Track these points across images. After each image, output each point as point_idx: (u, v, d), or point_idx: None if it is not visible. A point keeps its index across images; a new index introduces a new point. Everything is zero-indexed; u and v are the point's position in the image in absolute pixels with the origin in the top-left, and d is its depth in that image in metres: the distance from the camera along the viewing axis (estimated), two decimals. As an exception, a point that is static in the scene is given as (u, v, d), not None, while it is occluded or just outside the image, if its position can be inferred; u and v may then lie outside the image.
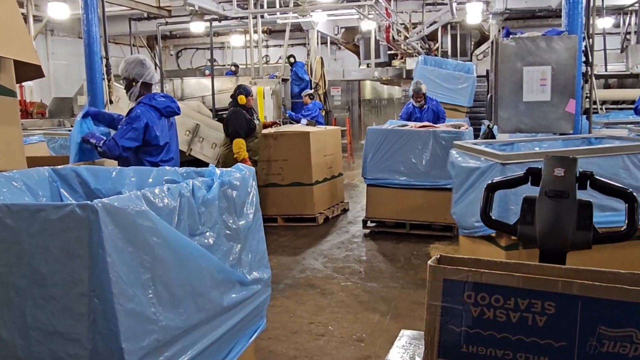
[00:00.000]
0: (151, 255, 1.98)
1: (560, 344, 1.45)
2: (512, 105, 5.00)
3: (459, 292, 1.52)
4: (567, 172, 1.97)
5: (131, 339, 1.86)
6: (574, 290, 1.43)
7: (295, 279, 5.31)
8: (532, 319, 1.47)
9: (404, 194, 6.72)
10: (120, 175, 3.05)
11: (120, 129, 4.08)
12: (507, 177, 2.19)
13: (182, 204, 2.23)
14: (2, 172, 2.81)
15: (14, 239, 1.84)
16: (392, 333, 4.05)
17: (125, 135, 4.01)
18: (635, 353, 1.39)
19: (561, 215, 1.96)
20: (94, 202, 1.79)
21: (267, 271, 2.92)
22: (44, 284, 1.84)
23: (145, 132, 4.05)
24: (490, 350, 1.51)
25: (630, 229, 1.98)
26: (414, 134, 6.66)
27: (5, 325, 1.87)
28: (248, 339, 2.79)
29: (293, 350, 3.82)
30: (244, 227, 2.71)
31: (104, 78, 6.89)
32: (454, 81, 10.65)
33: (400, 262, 5.76)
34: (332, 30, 16.46)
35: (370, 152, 6.77)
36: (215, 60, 13.44)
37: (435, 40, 16.33)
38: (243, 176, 2.78)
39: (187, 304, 2.17)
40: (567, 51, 4.89)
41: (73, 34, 16.83)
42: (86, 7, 6.66)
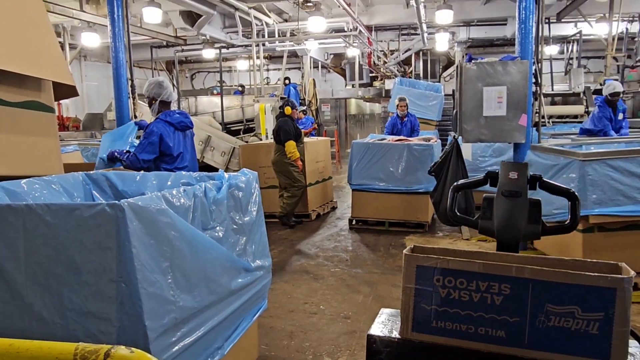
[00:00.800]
0: (170, 247, 1.99)
1: (514, 319, 1.46)
2: (474, 119, 5.02)
3: (429, 277, 1.53)
4: (520, 176, 1.99)
5: (153, 318, 1.86)
6: (525, 274, 1.45)
7: (292, 266, 5.31)
8: (491, 298, 1.48)
9: (384, 197, 6.75)
10: (143, 179, 3.06)
11: (139, 144, 4.10)
12: (470, 180, 2.20)
13: (196, 203, 2.24)
14: (42, 177, 2.80)
15: (53, 234, 1.85)
16: (374, 311, 4.04)
17: (144, 149, 4.03)
18: (577, 326, 1.41)
19: (515, 212, 1.97)
20: (121, 202, 1.79)
21: (268, 259, 2.93)
22: (78, 272, 1.84)
23: (160, 144, 4.07)
24: (456, 325, 1.52)
25: (573, 223, 2.00)
26: (392, 147, 6.70)
27: (46, 307, 1.87)
28: (252, 317, 2.80)
29: (290, 326, 3.82)
30: (249, 222, 2.71)
31: (130, 97, 6.87)
32: (425, 99, 10.68)
33: (380, 252, 5.77)
34: (323, 56, 16.46)
35: (355, 161, 6.79)
36: (223, 82, 13.40)
37: (409, 65, 16.40)
38: (248, 179, 2.79)
39: (201, 288, 2.18)
40: (520, 74, 4.91)
41: (103, 59, 16.76)
42: (114, 37, 6.64)
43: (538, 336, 1.43)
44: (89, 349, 1.09)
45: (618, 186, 3.95)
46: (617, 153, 4.02)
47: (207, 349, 2.27)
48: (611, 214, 3.96)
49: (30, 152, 2.94)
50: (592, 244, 4.07)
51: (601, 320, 1.38)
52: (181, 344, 2.02)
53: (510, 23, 12.79)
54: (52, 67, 3.03)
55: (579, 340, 1.40)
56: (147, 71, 17.75)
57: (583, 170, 3.99)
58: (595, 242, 4.06)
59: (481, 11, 12.20)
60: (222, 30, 12.02)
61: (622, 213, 3.95)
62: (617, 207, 3.96)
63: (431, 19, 11.15)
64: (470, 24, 14.02)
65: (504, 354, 1.47)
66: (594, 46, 14.87)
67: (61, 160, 3.15)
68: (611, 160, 3.98)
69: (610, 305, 1.37)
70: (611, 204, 3.97)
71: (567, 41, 14.18)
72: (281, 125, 6.85)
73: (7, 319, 1.89)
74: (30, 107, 2.96)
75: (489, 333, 1.48)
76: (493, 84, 4.95)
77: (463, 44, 14.73)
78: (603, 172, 3.98)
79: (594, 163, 3.99)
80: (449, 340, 1.52)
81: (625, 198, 3.95)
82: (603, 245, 4.06)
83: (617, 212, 3.96)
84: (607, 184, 3.97)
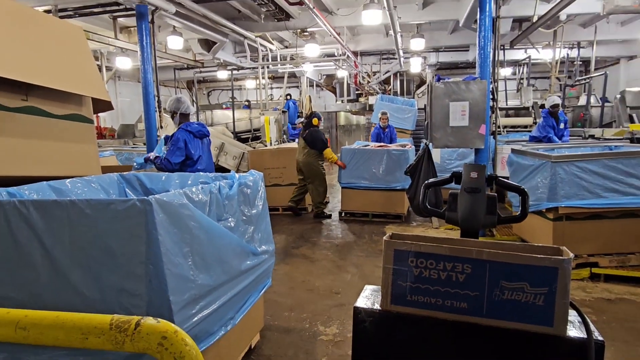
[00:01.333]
0: (190, 235, 1.99)
1: (475, 293, 1.47)
2: (442, 128, 5.03)
3: (405, 258, 1.54)
4: (479, 175, 1.99)
5: (176, 294, 1.86)
6: (484, 257, 1.45)
7: (291, 251, 5.30)
8: (455, 276, 1.49)
9: (367, 193, 6.74)
10: (168, 179, 3.05)
11: (169, 151, 4.11)
12: (439, 179, 2.21)
13: (212, 198, 2.23)
14: (83, 177, 2.79)
15: (92, 224, 1.84)
16: (360, 287, 4.02)
17: (173, 154, 4.05)
18: (526, 299, 1.42)
19: (475, 205, 1.98)
20: (149, 198, 1.79)
21: (272, 245, 2.93)
22: (114, 256, 1.83)
23: (185, 148, 4.08)
24: (427, 298, 1.53)
25: (523, 214, 2.01)
26: (374, 152, 6.69)
27: (87, 285, 1.86)
28: (259, 293, 2.80)
29: (290, 300, 3.82)
30: (256, 214, 2.71)
31: (156, 110, 6.86)
32: (401, 112, 10.66)
33: (365, 239, 5.77)
34: (317, 76, 16.46)
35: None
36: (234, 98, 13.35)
37: (388, 84, 16.39)
38: (255, 179, 2.78)
39: (216, 269, 2.17)
40: (480, 91, 4.93)
41: (134, 79, 16.66)
42: (143, 60, 6.61)
43: (494, 307, 1.44)
44: (122, 320, 1.09)
45: (583, 183, 4.00)
46: (582, 156, 4.07)
47: (221, 319, 2.27)
48: (576, 206, 4.01)
49: (73, 157, 2.93)
50: (560, 230, 4.11)
51: (546, 294, 1.39)
52: (200, 315, 2.01)
53: (472, 49, 12.84)
54: (92, 85, 3.02)
55: (528, 310, 1.41)
56: (170, 89, 17.66)
57: (554, 169, 4.03)
58: (563, 229, 4.11)
59: (448, 39, 12.22)
60: (234, 55, 11.99)
61: (586, 205, 4.00)
62: (581, 201, 4.00)
63: (407, 46, 11.18)
64: (439, 50, 14.05)
65: (466, 322, 1.48)
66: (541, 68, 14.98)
67: (99, 163, 3.14)
68: (578, 162, 4.03)
69: (553, 281, 1.38)
70: (576, 198, 4.01)
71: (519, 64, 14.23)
72: (318, 136, 6.84)
73: (54, 295, 1.88)
74: (73, 119, 2.95)
75: (454, 305, 1.49)
76: (458, 99, 4.97)
77: (433, 66, 14.76)
78: (571, 172, 4.02)
79: (563, 164, 4.03)
80: (421, 311, 1.53)
81: (588, 193, 4.01)
82: (569, 231, 4.10)
83: (581, 204, 4.00)
84: (573, 182, 4.01)
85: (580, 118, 9.91)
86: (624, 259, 4.08)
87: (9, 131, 2.54)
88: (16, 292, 1.91)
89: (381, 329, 1.58)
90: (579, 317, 1.50)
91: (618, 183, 4.00)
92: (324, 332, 3.23)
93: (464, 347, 1.49)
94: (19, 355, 1.87)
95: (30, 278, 1.89)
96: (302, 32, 10.68)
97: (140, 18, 6.54)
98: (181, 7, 7.10)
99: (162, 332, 1.05)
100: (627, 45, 12.90)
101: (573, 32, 10.98)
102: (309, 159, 6.87)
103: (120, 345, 1.06)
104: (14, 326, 1.11)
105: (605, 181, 4.00)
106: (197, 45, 11.15)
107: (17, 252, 1.89)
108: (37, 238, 1.87)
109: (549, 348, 1.40)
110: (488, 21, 5.16)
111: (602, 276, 4.07)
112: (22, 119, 2.61)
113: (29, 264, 1.89)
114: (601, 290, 3.87)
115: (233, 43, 11.73)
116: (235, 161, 8.18)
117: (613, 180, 4.00)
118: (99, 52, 10.62)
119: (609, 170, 4.01)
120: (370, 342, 1.60)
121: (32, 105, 2.67)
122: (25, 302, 1.90)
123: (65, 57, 2.89)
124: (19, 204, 1.87)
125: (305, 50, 10.83)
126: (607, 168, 4.01)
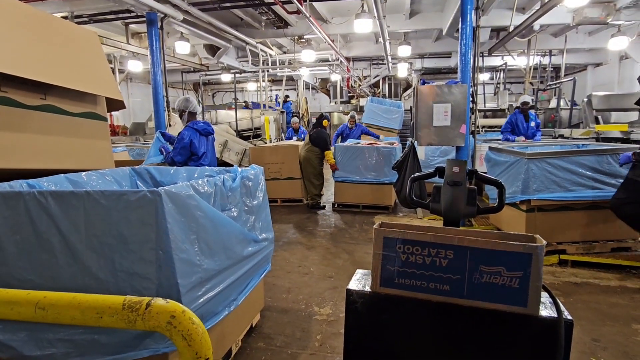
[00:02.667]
0: (196, 223, 1.97)
1: (456, 277, 1.47)
2: (427, 128, 5.02)
3: (393, 245, 1.54)
4: (461, 170, 1.99)
5: (184, 277, 1.85)
6: (465, 243, 1.45)
7: (289, 238, 5.30)
8: (439, 261, 1.49)
9: (358, 187, 6.73)
10: (176, 172, 3.02)
11: (174, 149, 4.09)
12: (424, 173, 2.20)
13: (217, 190, 2.22)
14: (98, 170, 2.76)
15: (106, 213, 1.82)
16: (351, 272, 4.05)
17: (178, 153, 4.04)
18: (503, 282, 1.42)
19: (456, 197, 1.98)
20: (159, 189, 1.77)
21: (271, 233, 2.92)
22: (126, 242, 1.81)
23: (190, 146, 4.05)
24: (413, 281, 1.53)
25: (500, 205, 2.01)
26: (364, 149, 6.68)
27: (101, 269, 1.84)
28: (259, 277, 2.79)
29: (288, 283, 3.82)
30: (256, 205, 2.70)
31: (165, 110, 6.80)
32: (390, 113, 10.64)
33: (356, 228, 5.78)
34: (313, 79, 16.38)
35: (337, 159, 6.77)
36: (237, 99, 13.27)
37: (378, 87, 16.35)
38: (256, 173, 2.77)
39: (220, 254, 2.16)
40: (461, 94, 4.93)
41: (144, 81, 16.52)
42: (153, 64, 6.55)
43: (474, 289, 1.45)
44: (134, 300, 1.08)
45: (553, 178, 4.01)
46: (553, 154, 4.07)
47: (225, 300, 2.26)
48: (547, 199, 4.02)
49: (88, 151, 2.89)
50: (532, 221, 4.13)
51: (521, 277, 1.40)
52: (205, 297, 2.00)
53: (454, 56, 12.84)
54: (105, 86, 2.98)
55: (504, 292, 1.41)
56: (178, 91, 17.52)
57: (528, 166, 4.04)
58: (535, 219, 4.12)
59: (432, 47, 12.20)
60: (236, 59, 11.89)
61: (555, 198, 4.02)
62: (551, 194, 4.01)
63: (394, 52, 11.16)
64: (424, 56, 14.03)
65: (448, 302, 1.48)
66: (516, 74, 15.00)
67: (112, 157, 3.11)
68: (549, 158, 4.03)
69: (527, 266, 1.38)
70: (547, 192, 4.02)
71: (496, 70, 14.26)
72: (322, 136, 6.78)
73: (71, 278, 1.86)
74: (88, 116, 2.91)
75: (437, 287, 1.49)
76: (441, 101, 4.96)
77: (418, 71, 14.76)
78: (543, 168, 4.02)
79: (535, 161, 4.03)
80: (407, 292, 1.53)
81: (558, 187, 4.02)
82: (541, 221, 4.11)
83: (551, 197, 4.01)
84: (545, 177, 4.02)
85: (551, 119, 9.96)
86: (589, 246, 4.11)
87: (29, 128, 2.50)
88: (36, 275, 1.89)
89: (371, 310, 1.58)
90: (550, 299, 1.50)
91: (585, 178, 4.02)
92: (319, 312, 3.23)
93: (446, 325, 1.50)
94: (39, 333, 1.86)
95: (49, 263, 1.87)
96: (299, 39, 10.62)
97: (151, 25, 6.47)
98: (188, 15, 7.03)
99: (170, 311, 1.04)
100: (594, 54, 12.98)
101: (545, 41, 11.01)
102: (309, 154, 6.87)
103: (132, 323, 1.05)
104: (34, 306, 1.10)
105: (573, 176, 4.02)
106: (203, 50, 11.06)
107: (37, 239, 1.87)
108: (55, 226, 1.85)
109: (523, 326, 1.40)
110: (469, 30, 5.15)
111: (570, 262, 4.10)
112: (40, 116, 2.57)
113: (47, 250, 1.87)
114: (569, 275, 3.90)
115: (236, 48, 11.64)
116: (237, 157, 8.14)
117: (580, 175, 4.02)
118: (112, 56, 10.51)
119: (577, 166, 4.02)
120: (361, 322, 1.60)
121: (50, 103, 2.64)
122: (43, 285, 1.88)
123: (81, 60, 2.84)
124: (38, 195, 1.85)
125: (302, 56, 10.78)
126: (576, 164, 4.02)
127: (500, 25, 8.75)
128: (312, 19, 6.99)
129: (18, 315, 1.11)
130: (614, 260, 3.99)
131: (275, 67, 11.36)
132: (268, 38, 10.18)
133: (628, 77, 12.05)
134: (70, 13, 7.08)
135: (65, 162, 2.70)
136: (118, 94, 3.07)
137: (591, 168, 4.02)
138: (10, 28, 2.39)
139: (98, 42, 3.09)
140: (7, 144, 2.37)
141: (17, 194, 1.87)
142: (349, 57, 13.05)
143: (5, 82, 2.37)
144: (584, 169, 4.02)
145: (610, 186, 3.97)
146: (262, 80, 11.71)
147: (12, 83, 2.40)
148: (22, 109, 2.47)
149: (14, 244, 1.90)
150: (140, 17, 7.43)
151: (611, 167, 3.99)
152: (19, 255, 1.90)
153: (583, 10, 7.77)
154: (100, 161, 2.95)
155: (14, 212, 1.88)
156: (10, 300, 1.12)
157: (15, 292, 1.15)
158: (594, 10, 7.83)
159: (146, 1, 5.85)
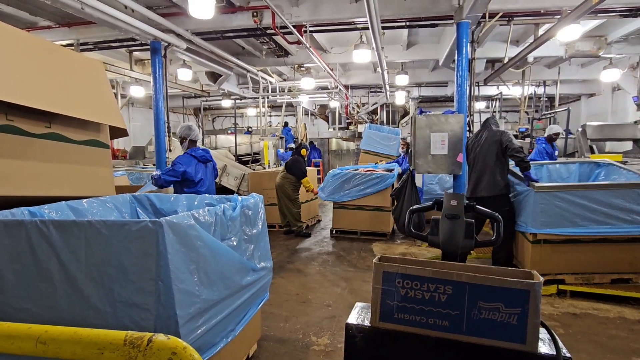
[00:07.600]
0: (196, 253, 1.97)
1: (455, 312, 1.47)
2: (424, 156, 5.08)
3: (392, 279, 1.54)
4: (458, 203, 2.02)
5: (182, 308, 1.84)
6: (463, 279, 1.46)
7: (287, 266, 5.26)
8: (438, 296, 1.49)
9: (356, 213, 6.74)
10: (176, 200, 3.03)
11: (166, 168, 4.12)
12: (422, 205, 2.23)
13: (217, 219, 2.23)
14: (99, 197, 2.77)
15: (107, 243, 1.83)
16: (349, 300, 4.02)
17: (167, 173, 4.05)
18: (501, 318, 1.42)
19: (455, 230, 2.00)
20: (161, 220, 1.78)
21: (270, 262, 2.91)
22: (126, 272, 1.81)
23: (183, 173, 4.07)
24: (412, 316, 1.53)
25: (498, 239, 2.03)
26: (361, 175, 6.68)
27: (100, 299, 1.84)
28: (257, 306, 2.77)
29: (285, 312, 3.77)
30: (256, 233, 2.70)
31: (166, 134, 6.87)
32: (387, 140, 10.75)
33: (354, 255, 5.74)
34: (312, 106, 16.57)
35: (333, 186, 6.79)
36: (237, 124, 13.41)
37: (376, 114, 16.58)
38: (255, 201, 2.78)
39: (219, 284, 2.15)
40: (457, 123, 5.01)
41: (146, 106, 16.68)
42: (155, 90, 6.65)
43: (473, 325, 1.45)
44: (136, 336, 1.08)
45: (562, 212, 3.98)
46: (562, 187, 4.03)
47: (223, 331, 2.23)
48: (554, 233, 4.00)
49: (90, 178, 2.91)
50: (538, 253, 4.10)
51: (519, 314, 1.40)
52: (204, 328, 1.99)
53: (450, 85, 13.09)
54: (109, 114, 3.03)
55: (503, 329, 1.42)
56: (179, 115, 17.68)
57: (536, 197, 4.03)
58: (541, 251, 4.09)
59: (429, 76, 12.45)
60: (237, 86, 12.08)
61: (562, 233, 3.99)
62: (558, 229, 3.99)
63: (392, 81, 11.37)
64: (421, 85, 14.27)
65: (447, 338, 1.48)
66: (511, 103, 15.21)
67: (114, 184, 3.13)
68: (558, 192, 4.00)
69: (526, 302, 1.39)
70: (554, 226, 3.99)
71: (491, 99, 14.49)
72: (298, 166, 6.82)
73: (69, 308, 1.85)
74: (91, 144, 2.95)
75: (436, 323, 1.49)
76: (438, 130, 5.03)
77: (416, 99, 14.97)
78: (551, 201, 3.99)
79: (544, 193, 4.02)
80: (407, 328, 1.53)
81: (567, 221, 3.98)
82: (546, 253, 4.09)
83: (558, 232, 3.99)
84: (553, 210, 3.99)
85: (547, 148, 10.07)
86: (589, 277, 4.10)
87: (33, 155, 2.53)
88: (33, 304, 1.88)
89: (370, 344, 1.57)
90: (548, 335, 1.50)
91: (595, 212, 3.95)
92: (316, 343, 3.18)
93: (445, 361, 1.49)
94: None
95: (47, 292, 1.87)
96: (299, 67, 10.85)
97: (154, 53, 6.61)
98: (191, 44, 7.19)
99: (172, 348, 1.04)
100: (587, 85, 13.24)
101: (539, 72, 11.26)
102: (283, 181, 6.91)
103: (133, 360, 1.04)
104: (35, 341, 1.10)
105: (583, 211, 3.97)
106: (205, 77, 11.26)
107: (36, 267, 1.87)
108: (55, 255, 1.85)
109: (522, 363, 1.40)
110: (465, 62, 5.29)
111: (568, 292, 4.08)
112: (45, 144, 2.61)
113: (46, 279, 1.87)
114: (567, 305, 3.87)
115: (237, 75, 11.85)
116: (236, 182, 8.17)
117: (590, 210, 3.96)
118: (115, 81, 10.66)
119: (586, 200, 3.97)
120: (360, 356, 1.59)
121: (55, 132, 2.68)
122: (40, 314, 1.86)
123: (85, 88, 2.90)
124: (40, 224, 1.86)
125: (301, 83, 10.97)
126: (585, 198, 3.97)
127: (495, 56, 8.98)
128: (312, 49, 7.16)
129: (19, 349, 1.10)
130: (613, 291, 3.97)
131: (275, 94, 11.54)
132: (269, 66, 10.39)
133: (621, 107, 12.27)
134: (76, 40, 7.24)
135: (67, 188, 2.71)
136: (122, 122, 3.12)
137: (603, 203, 3.94)
138: (17, 58, 2.45)
139: (103, 72, 3.16)
140: (11, 172, 2.39)
141: (19, 223, 1.88)
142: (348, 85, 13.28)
143: (12, 111, 2.41)
144: (596, 204, 3.94)
145: (621, 221, 3.91)
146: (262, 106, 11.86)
147: (18, 112, 2.44)
148: (27, 137, 2.50)
149: (12, 272, 1.89)
150: (144, 45, 7.59)
151: (624, 203, 3.92)
152: (17, 283, 1.89)
153: (575, 44, 8.01)
154: (101, 188, 2.96)
155: (15, 240, 1.88)
156: (11, 334, 1.12)
157: (16, 325, 1.14)
158: (586, 43, 8.07)
159: (151, 30, 5.99)
